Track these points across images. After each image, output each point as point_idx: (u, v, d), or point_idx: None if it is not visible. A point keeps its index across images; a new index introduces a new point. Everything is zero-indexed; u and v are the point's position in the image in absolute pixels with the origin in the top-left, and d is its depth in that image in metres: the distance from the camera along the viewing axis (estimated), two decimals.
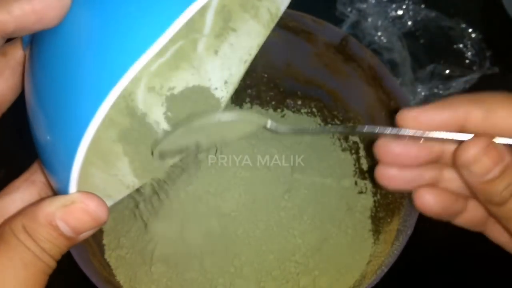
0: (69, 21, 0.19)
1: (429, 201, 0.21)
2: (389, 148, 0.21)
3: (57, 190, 0.21)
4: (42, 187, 0.24)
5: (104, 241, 0.40)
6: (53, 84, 0.19)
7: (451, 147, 0.20)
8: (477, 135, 0.19)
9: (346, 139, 0.45)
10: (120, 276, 0.38)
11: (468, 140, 0.19)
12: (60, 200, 0.20)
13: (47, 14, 0.18)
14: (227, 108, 0.24)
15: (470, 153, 0.18)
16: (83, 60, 0.19)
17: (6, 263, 0.19)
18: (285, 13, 0.42)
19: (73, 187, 0.20)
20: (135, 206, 0.42)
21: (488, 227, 0.24)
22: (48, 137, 0.20)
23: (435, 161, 0.22)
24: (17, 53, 0.22)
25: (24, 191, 0.23)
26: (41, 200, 0.20)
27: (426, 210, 0.21)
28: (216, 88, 0.22)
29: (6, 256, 0.19)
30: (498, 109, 0.18)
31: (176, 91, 0.23)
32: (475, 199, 0.22)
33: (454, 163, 0.20)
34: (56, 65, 0.19)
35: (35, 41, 0.21)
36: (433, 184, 0.22)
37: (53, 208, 0.20)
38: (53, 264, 0.20)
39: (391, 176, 0.21)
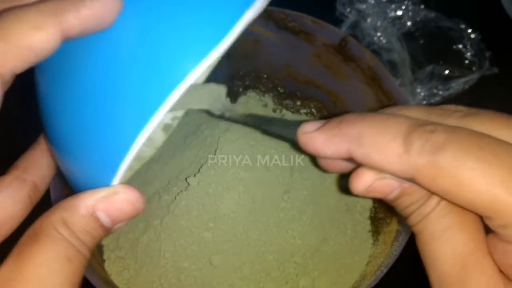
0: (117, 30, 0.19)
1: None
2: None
3: (88, 184, 0.21)
4: (32, 187, 0.24)
5: (103, 242, 0.40)
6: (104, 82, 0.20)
7: None
8: (361, 171, 0.19)
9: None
10: (119, 277, 0.38)
11: (353, 177, 0.19)
12: (101, 192, 0.20)
13: (106, 19, 0.19)
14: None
15: (357, 190, 0.19)
16: (140, 62, 0.19)
17: (51, 257, 0.19)
18: (284, 13, 0.42)
19: (116, 181, 0.20)
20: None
21: None
22: (90, 137, 0.20)
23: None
24: None
25: (15, 189, 0.23)
26: (78, 194, 0.21)
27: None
28: None
29: (51, 250, 0.19)
30: (374, 155, 0.18)
31: None
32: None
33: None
34: (103, 67, 0.19)
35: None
36: None
37: (94, 199, 0.20)
38: (89, 256, 0.20)
39: (325, 163, 0.22)
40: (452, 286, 0.17)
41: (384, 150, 0.18)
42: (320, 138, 0.20)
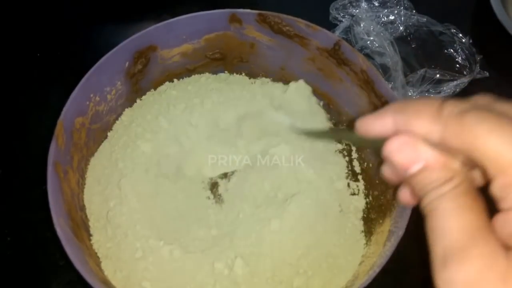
0: None
1: (407, 196, 0.25)
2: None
3: None
4: None
5: (94, 246, 0.40)
6: None
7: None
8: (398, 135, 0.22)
9: (339, 141, 0.46)
10: (115, 278, 0.38)
11: (391, 138, 0.22)
12: None
13: None
14: None
15: (388, 148, 0.22)
16: None
17: None
18: (279, 17, 0.43)
19: None
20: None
21: None
22: None
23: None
24: None
25: None
26: None
27: (405, 202, 0.25)
28: None
29: None
30: (414, 119, 0.22)
31: None
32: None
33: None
34: None
35: None
36: None
37: None
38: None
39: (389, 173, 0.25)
40: (457, 253, 0.20)
41: (422, 114, 0.21)
42: (371, 119, 0.24)
